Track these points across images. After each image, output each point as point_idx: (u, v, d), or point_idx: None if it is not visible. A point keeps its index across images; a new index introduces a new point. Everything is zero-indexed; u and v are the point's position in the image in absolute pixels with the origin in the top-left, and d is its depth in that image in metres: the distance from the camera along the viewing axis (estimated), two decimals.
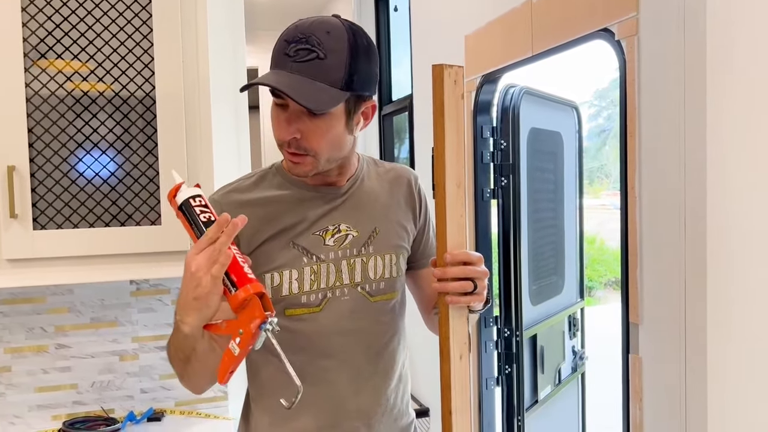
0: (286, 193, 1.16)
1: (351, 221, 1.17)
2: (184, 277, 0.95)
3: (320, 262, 1.14)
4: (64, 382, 1.74)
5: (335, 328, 1.15)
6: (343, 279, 1.15)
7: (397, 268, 1.21)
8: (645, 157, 1.39)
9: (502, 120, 2.22)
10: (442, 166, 1.03)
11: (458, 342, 1.05)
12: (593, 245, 11.27)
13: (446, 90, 1.01)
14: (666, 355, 1.34)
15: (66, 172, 1.46)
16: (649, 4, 1.36)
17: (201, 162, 1.51)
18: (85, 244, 1.47)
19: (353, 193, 1.20)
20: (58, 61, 1.45)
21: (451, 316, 1.04)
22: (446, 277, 1.04)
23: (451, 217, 1.03)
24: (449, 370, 1.03)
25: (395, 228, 1.23)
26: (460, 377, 1.05)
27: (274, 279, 1.13)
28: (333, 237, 1.16)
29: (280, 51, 1.05)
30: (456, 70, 1.03)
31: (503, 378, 2.29)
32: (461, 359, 1.06)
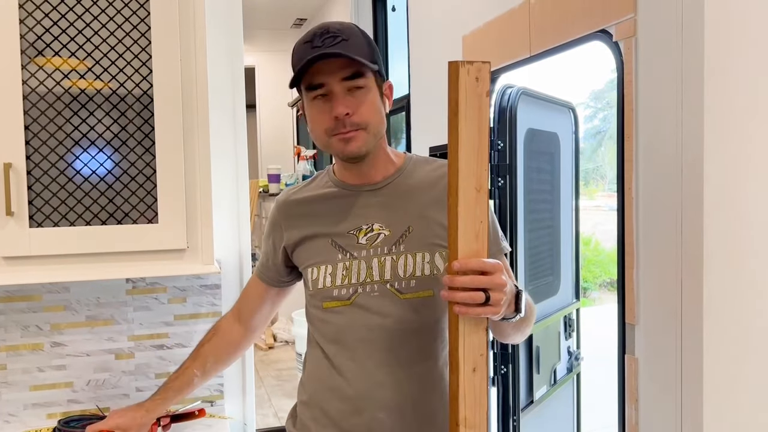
0: (329, 192, 1.28)
1: (384, 221, 1.24)
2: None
3: (353, 259, 1.22)
4: (59, 381, 1.74)
5: (363, 322, 1.21)
6: (373, 276, 1.21)
7: (431, 266, 1.21)
8: (642, 159, 1.40)
9: (500, 120, 2.22)
10: (456, 169, 0.99)
11: (471, 353, 1.00)
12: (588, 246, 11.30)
13: (462, 88, 0.98)
14: (662, 356, 1.34)
15: (63, 169, 1.46)
16: (647, 6, 1.36)
17: (198, 160, 1.51)
18: (81, 242, 1.46)
19: (389, 193, 1.26)
20: (55, 59, 1.45)
21: (461, 327, 0.99)
22: (454, 286, 0.99)
23: (464, 223, 0.98)
24: (458, 381, 1.00)
25: (432, 226, 1.22)
26: (473, 390, 1.00)
27: (313, 273, 1.25)
28: (366, 236, 1.23)
29: (308, 46, 1.15)
30: (478, 66, 0.98)
31: (499, 378, 2.29)
32: (475, 372, 1.00)
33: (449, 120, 1.00)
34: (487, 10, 2.08)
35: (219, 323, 1.48)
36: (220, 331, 1.45)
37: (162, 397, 1.45)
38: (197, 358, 1.44)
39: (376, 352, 1.21)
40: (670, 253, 1.31)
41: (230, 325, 1.45)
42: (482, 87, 0.99)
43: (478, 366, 1.00)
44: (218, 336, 1.45)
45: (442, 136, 2.49)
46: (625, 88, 1.44)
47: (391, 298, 1.21)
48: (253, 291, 1.42)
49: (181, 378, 1.44)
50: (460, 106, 0.98)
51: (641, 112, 1.40)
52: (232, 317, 1.46)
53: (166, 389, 1.45)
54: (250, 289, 1.43)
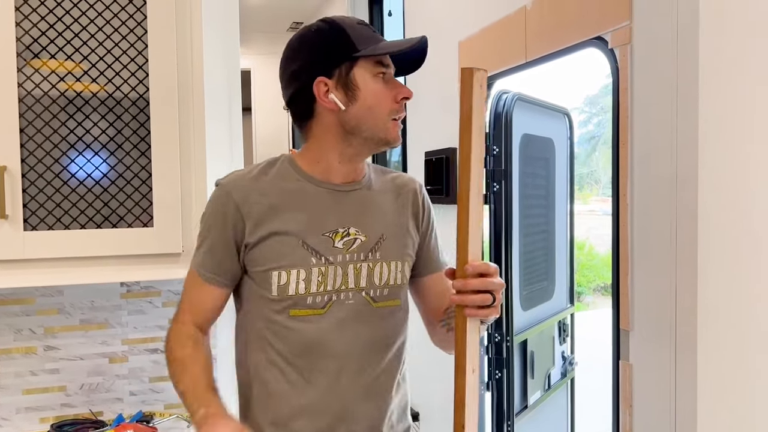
0: (298, 186, 1.17)
1: (360, 225, 1.18)
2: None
3: (328, 264, 1.15)
4: (52, 384, 1.73)
5: (338, 331, 1.15)
6: (348, 283, 1.16)
7: (402, 276, 1.21)
8: (637, 165, 1.40)
9: (495, 126, 2.23)
10: (467, 176, 0.98)
11: (472, 356, 1.02)
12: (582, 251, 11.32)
13: (475, 96, 0.98)
14: (656, 362, 1.35)
15: (58, 173, 1.45)
16: (642, 13, 1.37)
17: (194, 164, 1.50)
18: (76, 245, 1.46)
19: (362, 197, 1.21)
20: (51, 62, 1.44)
21: (469, 330, 1.00)
22: (466, 290, 1.00)
23: (473, 227, 0.99)
24: (464, 385, 1.00)
25: (401, 235, 1.23)
26: (473, 388, 1.02)
27: (281, 277, 1.13)
28: (342, 240, 1.16)
29: (368, 29, 1.16)
30: (482, 73, 0.99)
31: (493, 383, 2.29)
32: (474, 373, 1.02)
33: (462, 128, 0.99)
34: (483, 16, 2.09)
35: (193, 335, 1.19)
36: (200, 345, 1.19)
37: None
38: (208, 369, 1.17)
39: (352, 363, 1.16)
40: (665, 259, 1.31)
41: (202, 338, 1.20)
42: (483, 93, 1.01)
43: (476, 367, 1.03)
44: (202, 350, 1.19)
45: (438, 141, 2.50)
46: (620, 95, 1.45)
47: (365, 306, 1.17)
48: (208, 298, 1.18)
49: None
50: (473, 113, 0.98)
51: (636, 119, 1.40)
52: (195, 329, 1.20)
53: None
54: (204, 297, 1.18)
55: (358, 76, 1.13)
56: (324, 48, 1.13)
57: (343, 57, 1.13)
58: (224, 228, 1.15)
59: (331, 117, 1.15)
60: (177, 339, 1.18)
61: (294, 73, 1.15)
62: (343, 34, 1.12)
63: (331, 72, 1.13)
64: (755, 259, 1.26)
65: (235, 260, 1.17)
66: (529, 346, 2.42)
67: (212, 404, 1.09)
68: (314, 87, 1.13)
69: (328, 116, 1.15)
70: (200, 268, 1.18)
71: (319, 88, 1.13)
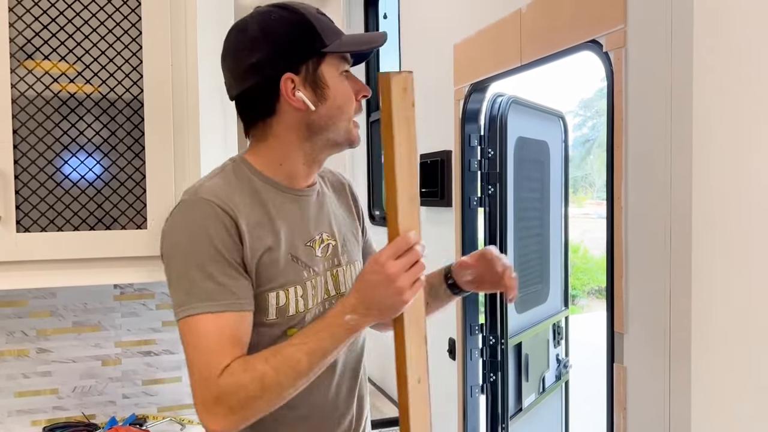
0: (270, 195, 1.07)
1: (328, 229, 1.15)
2: (379, 279, 0.93)
3: (316, 276, 1.10)
4: (44, 387, 1.72)
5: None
6: (330, 291, 1.13)
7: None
8: (631, 168, 1.41)
9: (490, 129, 2.23)
10: (393, 181, 0.96)
11: (416, 364, 0.99)
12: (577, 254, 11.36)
13: (395, 99, 0.95)
14: (650, 365, 1.35)
15: (51, 174, 1.45)
16: (637, 17, 1.38)
17: (188, 166, 1.50)
18: (69, 247, 1.45)
19: (321, 200, 1.17)
20: (45, 63, 1.44)
21: (407, 339, 0.98)
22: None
23: (404, 230, 0.96)
24: (407, 394, 0.98)
25: (353, 234, 1.23)
26: (419, 399, 1.00)
27: (279, 298, 1.03)
28: (320, 247, 1.12)
29: (328, 19, 1.08)
30: (405, 76, 0.97)
31: (488, 386, 2.29)
32: (420, 382, 1.00)
33: (383, 133, 0.97)
34: (478, 18, 2.09)
35: (241, 359, 0.99)
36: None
37: None
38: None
39: (343, 371, 1.15)
40: (659, 263, 1.31)
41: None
42: (409, 98, 0.97)
43: (422, 376, 1.00)
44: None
45: (433, 144, 2.50)
46: (614, 98, 1.45)
47: None
48: (244, 328, 1.00)
49: None
50: (393, 117, 0.95)
51: (631, 122, 1.41)
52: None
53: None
54: (242, 328, 0.99)
55: (327, 72, 1.06)
56: (291, 41, 1.03)
57: (312, 52, 1.04)
58: (232, 244, 0.99)
59: (296, 116, 1.06)
60: (239, 372, 0.94)
61: (253, 66, 1.03)
62: (310, 26, 1.04)
63: (297, 68, 1.04)
64: (749, 262, 1.26)
65: (246, 278, 1.00)
66: (523, 348, 2.42)
67: (335, 309, 0.97)
68: (281, 84, 1.03)
69: (292, 115, 1.06)
70: (230, 300, 0.97)
71: (286, 86, 1.03)
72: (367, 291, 0.94)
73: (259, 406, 0.94)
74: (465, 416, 2.28)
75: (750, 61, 1.24)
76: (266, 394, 0.93)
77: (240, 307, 0.98)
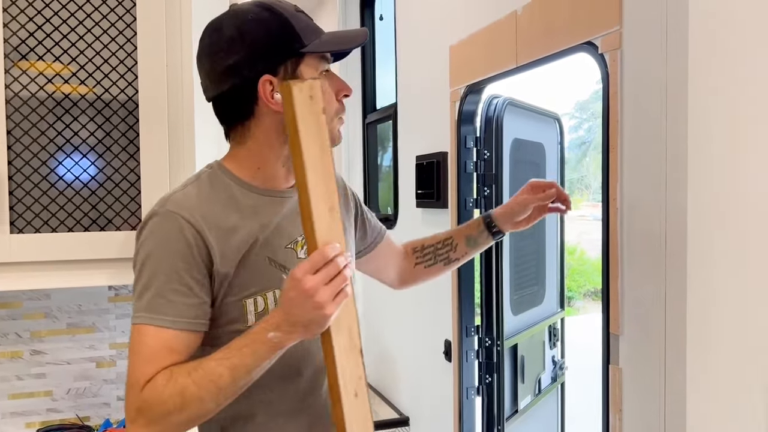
0: (247, 199, 1.06)
1: None
2: (297, 295, 0.89)
3: None
4: (38, 389, 1.71)
5: (315, 346, 1.09)
6: None
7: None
8: (627, 170, 1.41)
9: (486, 130, 2.23)
10: (307, 193, 0.92)
11: (351, 379, 0.95)
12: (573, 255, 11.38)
13: (299, 106, 0.93)
14: (646, 367, 1.35)
15: (45, 175, 1.44)
16: (632, 19, 1.38)
17: (183, 167, 1.50)
18: (63, 248, 1.44)
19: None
20: (39, 63, 1.43)
21: (337, 352, 0.94)
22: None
23: (323, 244, 0.93)
24: (342, 411, 0.94)
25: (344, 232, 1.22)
26: (358, 415, 0.95)
27: (258, 304, 1.03)
28: (303, 249, 1.09)
29: (307, 17, 1.06)
30: (310, 84, 0.94)
31: (484, 387, 2.29)
32: (357, 396, 0.96)
33: (291, 142, 0.94)
34: (474, 20, 2.10)
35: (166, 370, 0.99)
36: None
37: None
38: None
39: (322, 376, 1.12)
40: (654, 264, 1.31)
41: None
42: (316, 105, 0.95)
43: (359, 390, 0.96)
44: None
45: (429, 145, 2.50)
46: (610, 100, 1.45)
47: None
48: (183, 346, 0.98)
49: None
50: (299, 126, 0.92)
51: (626, 124, 1.41)
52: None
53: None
54: (181, 346, 0.98)
55: (306, 73, 1.04)
56: (268, 42, 1.01)
57: (290, 53, 1.02)
58: (191, 261, 0.98)
59: (275, 118, 1.04)
60: (160, 386, 0.93)
61: (230, 68, 1.01)
62: (288, 26, 1.01)
63: (276, 69, 1.02)
64: (745, 264, 1.26)
65: (209, 297, 1.01)
66: (519, 350, 2.42)
67: (258, 326, 0.94)
68: (260, 86, 1.01)
69: (272, 117, 1.04)
70: (174, 317, 0.97)
71: (265, 88, 1.01)
72: (287, 308, 0.91)
73: (180, 419, 0.92)
74: (461, 418, 2.28)
75: (745, 62, 1.25)
76: (187, 408, 0.92)
77: (182, 326, 0.97)
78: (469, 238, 1.47)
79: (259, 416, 1.08)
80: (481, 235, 1.48)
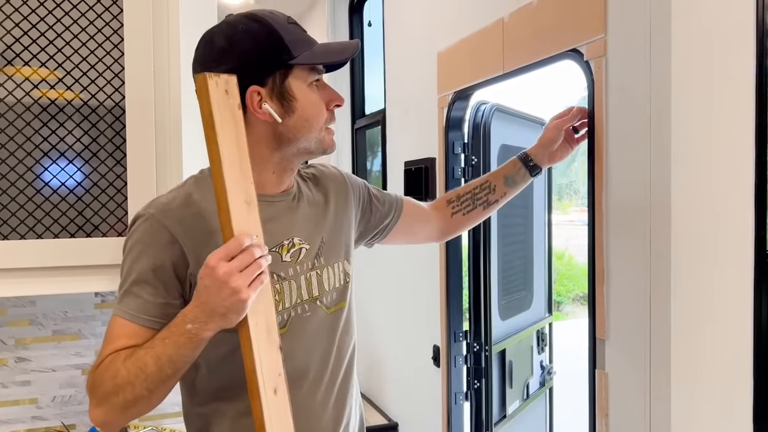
0: None
1: (302, 233, 1.14)
2: (211, 282, 0.91)
3: (282, 281, 1.10)
4: (23, 397, 1.70)
5: (302, 347, 1.12)
6: (303, 295, 1.13)
7: (344, 275, 1.21)
8: (612, 175, 1.42)
9: (473, 136, 2.24)
10: (223, 186, 0.93)
11: (269, 375, 0.95)
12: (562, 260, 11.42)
13: (214, 100, 0.94)
14: (631, 371, 1.36)
15: (31, 181, 1.43)
16: (617, 27, 1.39)
17: (170, 173, 1.49)
18: (49, 255, 1.43)
19: (297, 204, 1.17)
20: (24, 69, 1.43)
21: (255, 345, 0.94)
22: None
23: (238, 233, 0.94)
24: (261, 408, 0.93)
25: (337, 234, 1.22)
26: (278, 413, 0.95)
27: None
28: (289, 252, 1.12)
29: (299, 28, 1.08)
30: (226, 79, 0.96)
31: (472, 393, 2.30)
32: (276, 393, 0.96)
33: (206, 135, 0.95)
34: (461, 27, 2.11)
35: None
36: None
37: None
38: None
39: (319, 375, 1.14)
40: (639, 269, 1.33)
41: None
42: (233, 100, 0.97)
43: (279, 386, 0.97)
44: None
45: (417, 151, 2.51)
46: (595, 106, 1.47)
47: (322, 316, 1.15)
48: (143, 340, 1.02)
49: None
50: (215, 119, 0.93)
51: (611, 130, 1.42)
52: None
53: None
54: (141, 340, 1.02)
55: (294, 85, 1.06)
56: (257, 53, 1.04)
57: (278, 64, 1.05)
58: (162, 263, 1.03)
59: (263, 128, 1.08)
60: (102, 369, 1.00)
61: None
62: (277, 38, 1.04)
63: (264, 80, 1.05)
64: (727, 267, 1.28)
65: (178, 299, 1.05)
66: (507, 355, 2.42)
67: (178, 318, 0.97)
68: (247, 97, 1.04)
69: (260, 127, 1.08)
70: (135, 312, 1.03)
71: (253, 98, 1.05)
72: (203, 297, 0.93)
73: (118, 401, 0.97)
74: (449, 423, 2.28)
75: (726, 69, 1.26)
76: (121, 392, 0.97)
77: (142, 322, 1.03)
78: (508, 177, 1.56)
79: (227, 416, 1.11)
80: (518, 172, 1.57)
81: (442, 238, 1.62)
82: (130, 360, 0.98)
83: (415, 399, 2.66)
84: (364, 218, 1.35)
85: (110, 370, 0.98)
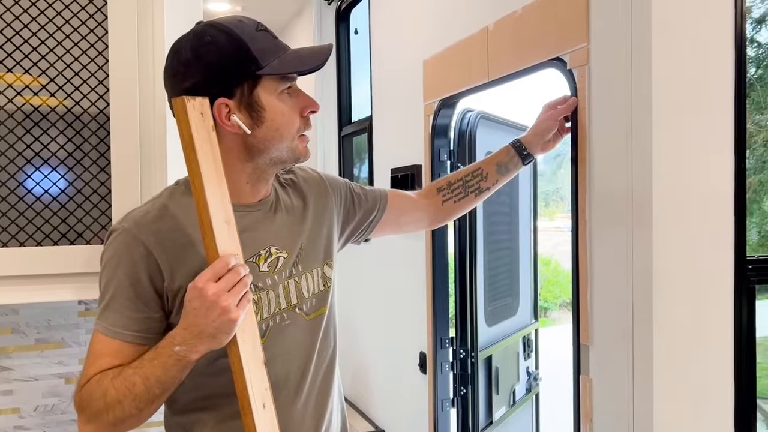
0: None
1: (279, 242, 1.13)
2: (201, 304, 0.92)
3: (259, 291, 1.10)
4: (5, 406, 1.68)
5: (281, 356, 1.12)
6: (281, 304, 1.12)
7: (324, 280, 1.20)
8: (595, 183, 1.44)
9: (459, 144, 2.26)
10: (205, 206, 0.94)
11: (258, 390, 0.97)
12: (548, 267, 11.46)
13: (193, 122, 0.95)
14: (615, 377, 1.37)
15: (14, 188, 1.42)
16: (599, 36, 1.41)
17: (154, 181, 1.49)
18: (32, 262, 1.42)
19: (273, 213, 1.16)
20: (8, 76, 1.42)
21: (245, 363, 0.95)
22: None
23: (223, 253, 0.95)
24: (254, 422, 0.95)
25: (318, 237, 1.21)
26: (267, 426, 0.97)
27: None
28: (266, 262, 1.11)
29: (269, 36, 1.06)
30: (201, 101, 0.97)
31: (459, 399, 2.30)
32: (265, 408, 0.97)
33: (186, 156, 0.96)
34: (447, 35, 2.12)
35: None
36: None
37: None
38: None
39: (299, 383, 1.14)
40: (621, 275, 1.34)
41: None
42: (207, 121, 0.98)
43: (267, 401, 0.98)
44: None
45: (404, 158, 2.51)
46: (578, 114, 1.49)
47: (301, 323, 1.15)
48: (125, 355, 1.02)
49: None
50: (194, 141, 0.95)
51: (594, 138, 1.44)
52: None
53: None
54: (122, 355, 1.02)
55: (263, 95, 1.04)
56: (223, 65, 1.02)
57: (246, 75, 1.03)
58: (138, 277, 1.02)
59: (234, 139, 1.06)
60: (91, 387, 1.00)
61: (187, 91, 1.01)
62: (244, 48, 1.01)
63: (231, 92, 1.03)
64: (708, 274, 1.29)
65: (158, 313, 1.05)
66: (493, 362, 2.43)
67: (166, 339, 0.97)
68: (215, 109, 1.02)
69: (230, 139, 1.06)
70: (117, 328, 1.02)
71: (220, 111, 1.03)
72: (191, 319, 0.93)
73: (109, 419, 0.98)
74: (436, 430, 2.28)
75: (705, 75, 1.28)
76: (111, 410, 0.98)
77: (123, 338, 1.03)
78: (500, 164, 1.55)
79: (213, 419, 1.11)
80: (512, 160, 1.56)
81: (431, 226, 1.63)
82: (118, 379, 0.98)
83: (401, 406, 2.66)
84: (348, 218, 1.34)
85: (99, 388, 0.98)
